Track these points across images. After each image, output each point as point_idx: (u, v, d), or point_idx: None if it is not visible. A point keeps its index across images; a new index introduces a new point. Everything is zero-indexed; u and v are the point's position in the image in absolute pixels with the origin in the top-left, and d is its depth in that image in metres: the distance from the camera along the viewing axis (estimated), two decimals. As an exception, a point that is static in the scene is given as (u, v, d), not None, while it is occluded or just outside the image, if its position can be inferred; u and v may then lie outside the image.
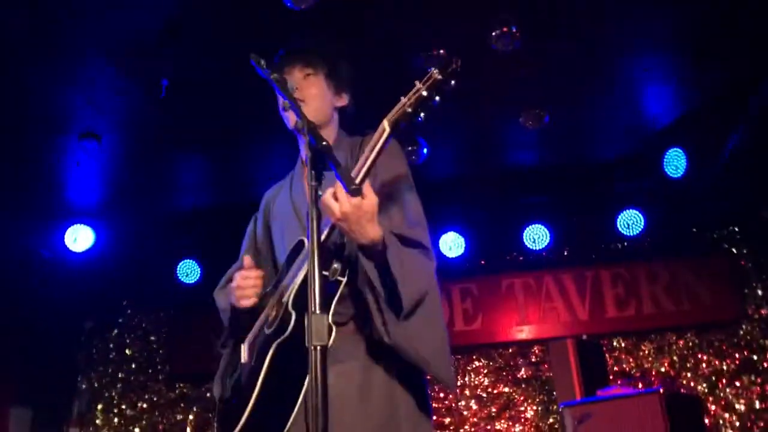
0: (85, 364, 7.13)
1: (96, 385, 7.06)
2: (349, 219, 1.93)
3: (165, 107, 4.62)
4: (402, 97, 1.97)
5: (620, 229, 6.49)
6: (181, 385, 6.99)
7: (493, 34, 4.08)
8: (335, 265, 2.10)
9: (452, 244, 6.54)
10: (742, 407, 6.24)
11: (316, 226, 1.78)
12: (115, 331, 7.19)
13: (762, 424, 6.16)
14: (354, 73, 2.48)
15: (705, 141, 5.54)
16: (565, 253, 6.85)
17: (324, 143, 1.81)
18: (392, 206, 2.17)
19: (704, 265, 6.55)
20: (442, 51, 4.18)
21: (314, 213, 1.79)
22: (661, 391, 4.04)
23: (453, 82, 1.93)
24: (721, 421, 6.21)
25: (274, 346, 2.08)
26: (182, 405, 6.94)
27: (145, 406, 6.99)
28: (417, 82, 1.95)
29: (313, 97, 2.33)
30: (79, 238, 6.27)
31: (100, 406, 6.99)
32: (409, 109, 1.94)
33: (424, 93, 1.93)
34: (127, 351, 7.16)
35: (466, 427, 6.55)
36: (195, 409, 6.90)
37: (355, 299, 2.13)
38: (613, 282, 6.64)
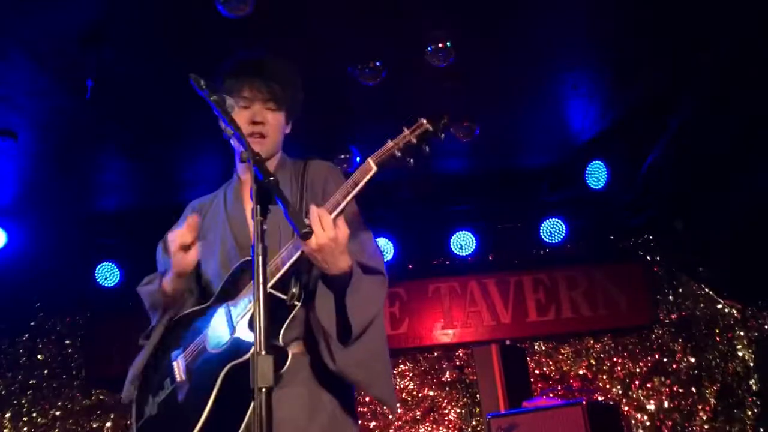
0: (-9, 369, 6.79)
1: (3, 392, 6.72)
2: (324, 251, 1.98)
3: (87, 107, 4.44)
4: (389, 140, 2.04)
5: (543, 236, 6.70)
6: (98, 391, 6.73)
7: (429, 49, 4.11)
8: (293, 290, 2.12)
9: (381, 249, 6.56)
10: (653, 407, 6.54)
11: (261, 262, 1.75)
12: (26, 335, 6.86)
13: (670, 423, 6.47)
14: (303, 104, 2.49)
15: (625, 155, 5.78)
16: (490, 259, 7.00)
17: (271, 178, 1.76)
18: (352, 238, 2.20)
19: (620, 272, 6.82)
20: (378, 63, 4.19)
21: (260, 249, 1.75)
22: (584, 402, 4.21)
23: (443, 136, 2.04)
24: (633, 422, 6.49)
25: (227, 367, 2.06)
26: (99, 412, 6.67)
27: (58, 413, 6.69)
28: (405, 129, 2.04)
29: (274, 131, 2.35)
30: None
31: (8, 415, 6.66)
32: (398, 153, 2.03)
33: (414, 140, 2.02)
34: (38, 356, 6.83)
35: (391, 430, 6.60)
36: (112, 417, 6.65)
37: (305, 322, 2.17)
38: (534, 287, 6.82)
